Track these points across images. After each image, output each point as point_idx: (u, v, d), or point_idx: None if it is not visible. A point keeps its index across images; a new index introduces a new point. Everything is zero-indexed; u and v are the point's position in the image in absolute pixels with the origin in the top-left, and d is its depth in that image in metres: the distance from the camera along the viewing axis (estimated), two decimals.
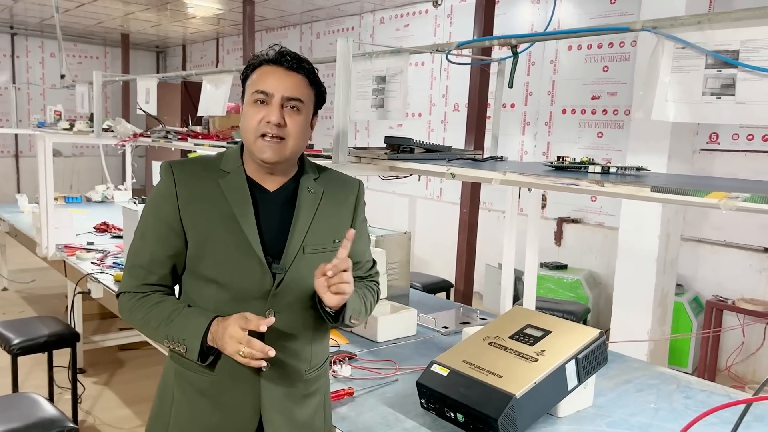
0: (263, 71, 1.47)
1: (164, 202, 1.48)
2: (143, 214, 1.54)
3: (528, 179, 1.69)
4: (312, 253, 1.51)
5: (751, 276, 4.80)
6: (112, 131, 4.11)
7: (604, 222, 5.81)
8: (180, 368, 1.53)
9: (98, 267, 3.47)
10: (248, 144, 1.48)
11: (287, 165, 1.53)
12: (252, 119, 1.45)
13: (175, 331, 1.43)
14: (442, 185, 7.13)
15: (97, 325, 4.59)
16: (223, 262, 1.46)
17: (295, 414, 1.54)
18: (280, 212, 1.52)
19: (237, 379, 1.48)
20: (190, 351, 1.41)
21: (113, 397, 3.90)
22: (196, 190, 1.48)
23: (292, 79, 1.46)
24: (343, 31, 8.37)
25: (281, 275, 1.47)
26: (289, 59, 1.47)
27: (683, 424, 1.87)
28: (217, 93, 3.63)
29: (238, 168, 1.52)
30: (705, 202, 1.34)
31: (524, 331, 1.96)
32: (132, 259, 1.53)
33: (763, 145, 4.76)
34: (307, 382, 1.57)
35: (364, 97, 2.63)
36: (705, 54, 1.63)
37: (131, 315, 1.51)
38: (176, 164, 1.52)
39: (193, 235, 1.47)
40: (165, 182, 1.49)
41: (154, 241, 1.49)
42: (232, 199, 1.47)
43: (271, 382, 1.50)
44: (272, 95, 1.44)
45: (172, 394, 1.54)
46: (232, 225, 1.45)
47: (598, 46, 5.75)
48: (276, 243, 1.49)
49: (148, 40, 11.33)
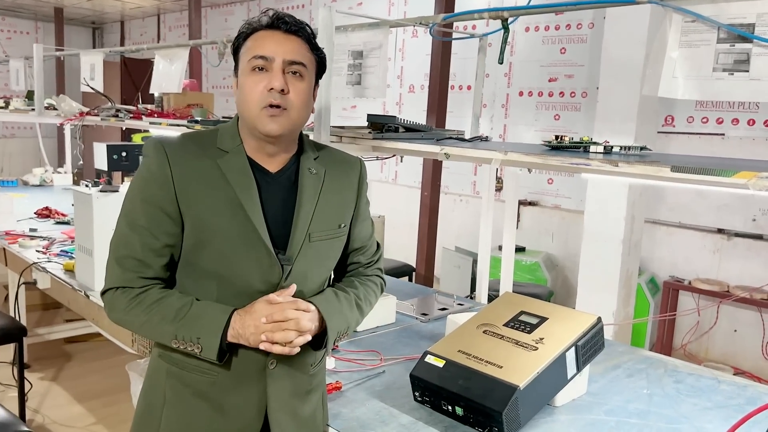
0: (259, 36, 1.33)
1: (157, 185, 1.31)
2: (129, 199, 1.35)
3: (532, 159, 1.60)
4: (318, 241, 1.39)
5: (706, 256, 4.89)
6: (55, 109, 3.83)
7: (561, 204, 5.83)
8: (173, 368, 1.37)
9: (44, 255, 3.22)
10: (250, 118, 1.32)
11: (289, 140, 1.39)
12: (252, 89, 1.30)
13: (187, 330, 1.27)
14: (397, 168, 7.03)
15: (40, 317, 4.33)
16: (227, 254, 1.31)
17: (300, 411, 1.44)
18: (283, 197, 1.38)
19: (242, 378, 1.35)
20: (207, 350, 1.26)
21: (62, 393, 3.67)
22: (193, 172, 1.32)
23: (292, 42, 1.33)
24: (292, 9, 8.12)
25: (289, 266, 1.34)
26: (287, 21, 1.33)
27: (678, 410, 1.85)
28: (172, 69, 3.42)
29: (238, 147, 1.36)
30: (731, 182, 1.27)
31: (519, 318, 1.88)
32: (121, 250, 1.34)
33: (716, 128, 4.83)
34: (311, 377, 1.47)
35: (339, 74, 2.49)
36: (717, 28, 1.56)
37: (126, 314, 1.33)
38: (168, 143, 1.34)
39: (192, 222, 1.31)
40: (156, 162, 1.32)
41: (148, 229, 1.31)
42: (235, 183, 1.32)
43: (278, 379, 1.38)
44: (272, 59, 1.30)
45: (162, 396, 1.39)
46: (236, 212, 1.31)
47: (556, 27, 5.73)
48: (280, 231, 1.36)
49: (84, 15, 10.76)
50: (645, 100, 3.87)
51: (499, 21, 2.01)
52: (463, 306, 2.70)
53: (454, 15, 2.07)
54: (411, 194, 6.41)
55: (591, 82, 5.43)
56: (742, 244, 4.73)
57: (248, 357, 1.33)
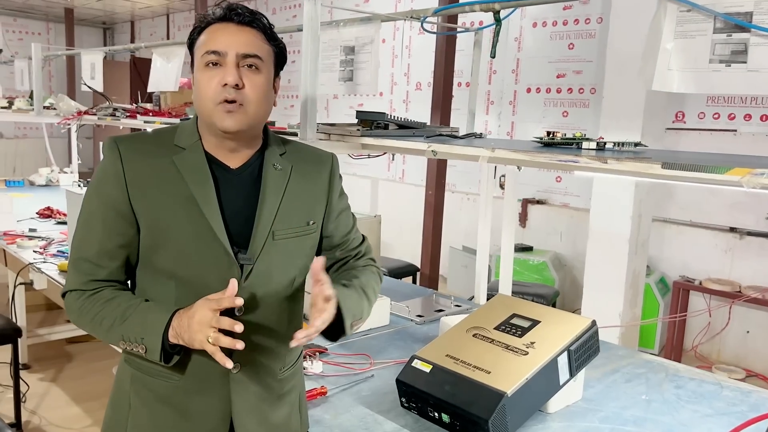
0: (212, 30, 1.27)
1: (109, 184, 1.27)
2: (86, 199, 1.32)
3: (519, 156, 1.53)
4: (283, 239, 1.33)
5: (717, 256, 4.79)
6: (54, 109, 3.81)
7: (570, 203, 5.74)
8: (137, 373, 1.33)
9: (41, 256, 3.20)
10: (205, 114, 1.28)
11: (250, 136, 1.33)
12: (206, 85, 1.25)
13: (132, 330, 1.23)
14: (404, 166, 6.97)
15: (42, 317, 4.31)
16: (183, 253, 1.26)
17: (270, 416, 1.38)
18: (245, 193, 1.32)
19: (204, 382, 1.31)
20: (151, 351, 1.21)
21: (61, 394, 3.64)
22: (147, 170, 1.27)
23: (246, 35, 1.27)
24: (299, 7, 8.08)
25: (249, 266, 1.29)
26: (240, 13, 1.27)
27: (677, 417, 1.78)
28: (169, 67, 3.38)
29: (195, 143, 1.31)
30: (724, 179, 1.20)
31: (510, 321, 1.82)
32: (76, 252, 1.31)
33: (729, 124, 4.72)
34: (282, 381, 1.41)
35: (331, 70, 2.44)
36: (713, 17, 1.49)
37: (80, 316, 1.30)
38: (122, 140, 1.30)
39: (146, 222, 1.27)
40: (110, 161, 1.28)
41: (102, 229, 1.28)
42: (190, 180, 1.27)
43: (242, 384, 1.33)
44: (225, 54, 1.24)
45: (128, 402, 1.35)
46: (191, 209, 1.26)
47: (563, 23, 5.64)
48: (242, 229, 1.30)
49: (94, 16, 10.80)
50: (652, 95, 3.77)
51: (491, 14, 1.94)
52: (460, 308, 2.63)
53: (444, 8, 2.00)
54: (418, 193, 6.34)
55: (600, 78, 5.31)
56: (755, 243, 4.62)
57: (210, 361, 1.26)
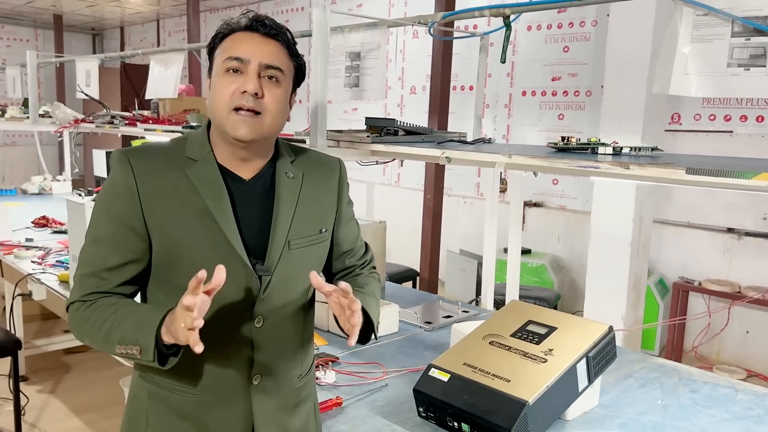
0: (236, 38, 1.27)
1: (121, 200, 1.24)
2: (95, 214, 1.29)
3: (538, 162, 1.52)
4: (298, 248, 1.33)
5: (716, 257, 4.80)
6: (50, 117, 3.76)
7: (567, 205, 5.74)
8: (154, 389, 1.31)
9: (39, 266, 3.16)
10: (219, 121, 1.26)
11: (263, 146, 1.32)
12: (224, 91, 1.23)
13: (127, 332, 1.19)
14: (400, 170, 6.95)
15: (38, 328, 4.26)
16: (200, 268, 1.22)
17: (289, 425, 1.38)
18: (259, 204, 1.31)
19: (224, 396, 1.29)
20: (145, 351, 1.16)
21: (61, 406, 3.59)
22: (161, 184, 1.25)
23: (270, 46, 1.27)
24: (292, 12, 8.06)
25: (268, 277, 1.28)
26: (266, 25, 1.27)
27: (695, 422, 1.77)
28: (167, 74, 3.35)
29: (207, 155, 1.29)
30: (752, 184, 1.19)
31: (527, 328, 1.80)
32: (83, 267, 1.28)
33: (724, 125, 4.74)
34: (299, 389, 1.41)
35: (336, 76, 2.42)
36: (731, 21, 1.48)
37: (82, 328, 1.26)
38: (133, 153, 1.27)
39: (161, 238, 1.24)
40: (121, 176, 1.25)
41: (110, 246, 1.25)
42: (205, 193, 1.25)
43: (263, 394, 1.32)
44: (248, 62, 1.23)
45: (146, 418, 1.32)
46: (207, 223, 1.24)
47: (558, 26, 5.65)
48: (257, 240, 1.29)
49: (83, 22, 10.72)
50: (652, 97, 3.78)
51: (501, 19, 1.92)
52: (469, 313, 2.62)
53: (453, 13, 1.99)
54: (414, 197, 6.33)
55: (595, 81, 5.34)
56: (753, 243, 4.64)
57: (230, 373, 1.29)
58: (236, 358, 1.29)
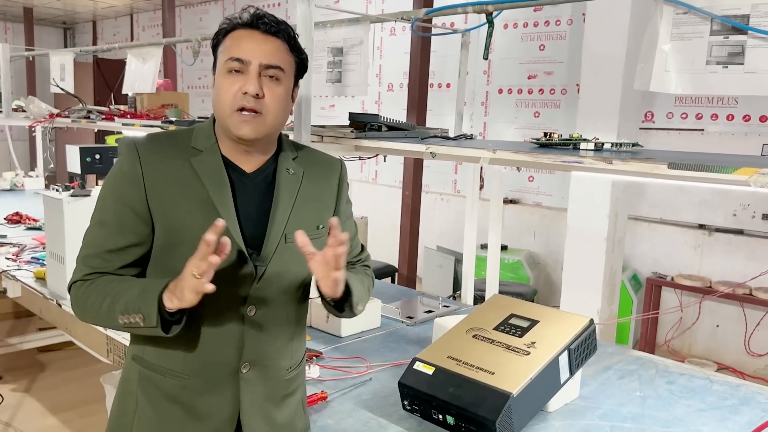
0: (237, 36, 1.29)
1: (128, 184, 1.28)
2: (100, 198, 1.33)
3: (522, 157, 1.54)
4: (294, 242, 1.34)
5: (687, 252, 4.89)
6: (24, 111, 3.70)
7: (542, 202, 5.80)
8: (145, 371, 1.34)
9: (14, 263, 3.11)
10: (222, 119, 1.30)
11: (266, 143, 1.36)
12: (226, 91, 1.27)
13: (130, 301, 1.23)
14: (377, 167, 6.96)
15: (11, 326, 4.18)
16: None
17: (276, 416, 1.40)
18: (260, 197, 1.35)
19: (213, 381, 1.32)
20: (148, 317, 1.20)
21: (36, 405, 3.54)
22: (166, 171, 1.29)
23: (270, 45, 1.29)
24: (269, 6, 8.01)
25: (263, 267, 1.31)
26: (266, 21, 1.29)
27: (673, 412, 1.81)
28: (145, 68, 3.31)
29: (212, 146, 1.33)
30: (732, 179, 1.22)
31: (509, 321, 1.83)
32: (87, 248, 1.32)
33: (696, 124, 4.83)
34: (288, 382, 1.43)
35: (318, 71, 2.42)
36: (710, 19, 1.52)
37: (84, 305, 1.30)
38: (140, 141, 1.32)
39: (163, 223, 1.28)
40: (128, 162, 1.29)
41: (116, 228, 1.29)
42: (208, 183, 1.29)
43: (252, 383, 1.35)
44: (249, 62, 1.27)
45: (135, 400, 1.35)
46: (208, 212, 1.27)
47: (534, 24, 5.70)
48: (255, 232, 1.33)
49: (54, 15, 10.53)
50: (627, 95, 3.84)
51: (483, 16, 1.95)
52: (449, 308, 2.64)
53: (436, 9, 2.00)
54: (392, 194, 6.35)
55: (570, 79, 5.40)
56: (723, 239, 4.74)
57: (220, 360, 1.32)
58: (227, 345, 1.31)
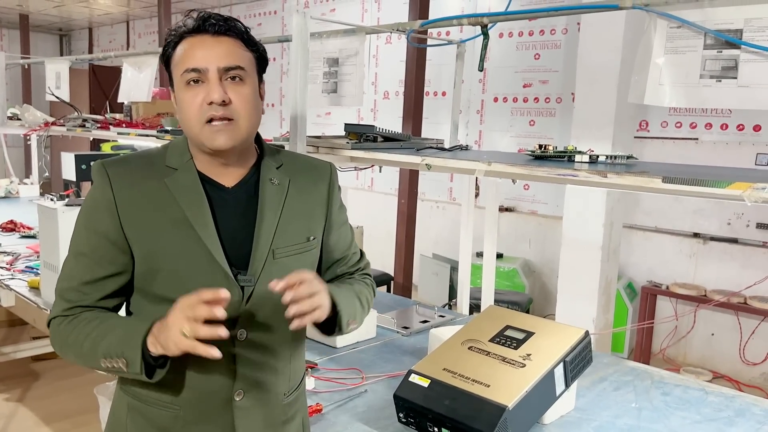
0: (187, 44, 1.21)
1: (100, 212, 1.22)
2: (76, 228, 1.27)
3: (517, 170, 1.54)
4: (284, 257, 1.28)
5: (682, 261, 4.90)
6: (19, 119, 3.69)
7: (537, 210, 5.81)
8: (134, 402, 1.28)
9: (8, 272, 3.09)
10: (193, 136, 1.22)
11: (243, 152, 1.28)
12: (190, 105, 1.20)
13: (112, 344, 1.16)
14: (373, 175, 6.97)
15: (5, 334, 4.16)
16: (180, 278, 1.20)
17: None
18: (242, 212, 1.27)
19: (205, 412, 1.25)
20: (132, 364, 1.13)
21: (30, 414, 3.52)
22: (139, 194, 1.22)
23: (224, 45, 1.21)
24: (265, 15, 8.03)
25: (251, 287, 1.24)
26: (214, 22, 1.20)
27: (668, 424, 1.81)
28: (141, 77, 3.31)
29: (187, 162, 1.26)
30: (726, 193, 1.23)
31: (505, 333, 1.82)
32: (64, 282, 1.26)
33: (690, 133, 4.85)
34: (286, 406, 1.35)
35: (314, 81, 2.42)
36: (704, 33, 1.52)
37: (64, 344, 1.23)
38: (111, 164, 1.24)
39: (140, 248, 1.22)
40: (99, 187, 1.23)
41: (91, 260, 1.23)
42: (184, 202, 1.22)
43: (246, 411, 1.27)
44: (206, 70, 1.19)
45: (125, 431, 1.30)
46: (186, 233, 1.20)
47: (530, 33, 5.73)
48: (240, 250, 1.25)
49: (50, 22, 10.53)
50: (622, 105, 3.86)
51: (479, 27, 1.95)
52: (445, 318, 2.64)
53: (432, 21, 2.01)
54: (388, 201, 6.35)
55: (566, 88, 5.42)
56: (717, 247, 4.75)
57: (212, 389, 1.25)
58: (217, 373, 1.24)
